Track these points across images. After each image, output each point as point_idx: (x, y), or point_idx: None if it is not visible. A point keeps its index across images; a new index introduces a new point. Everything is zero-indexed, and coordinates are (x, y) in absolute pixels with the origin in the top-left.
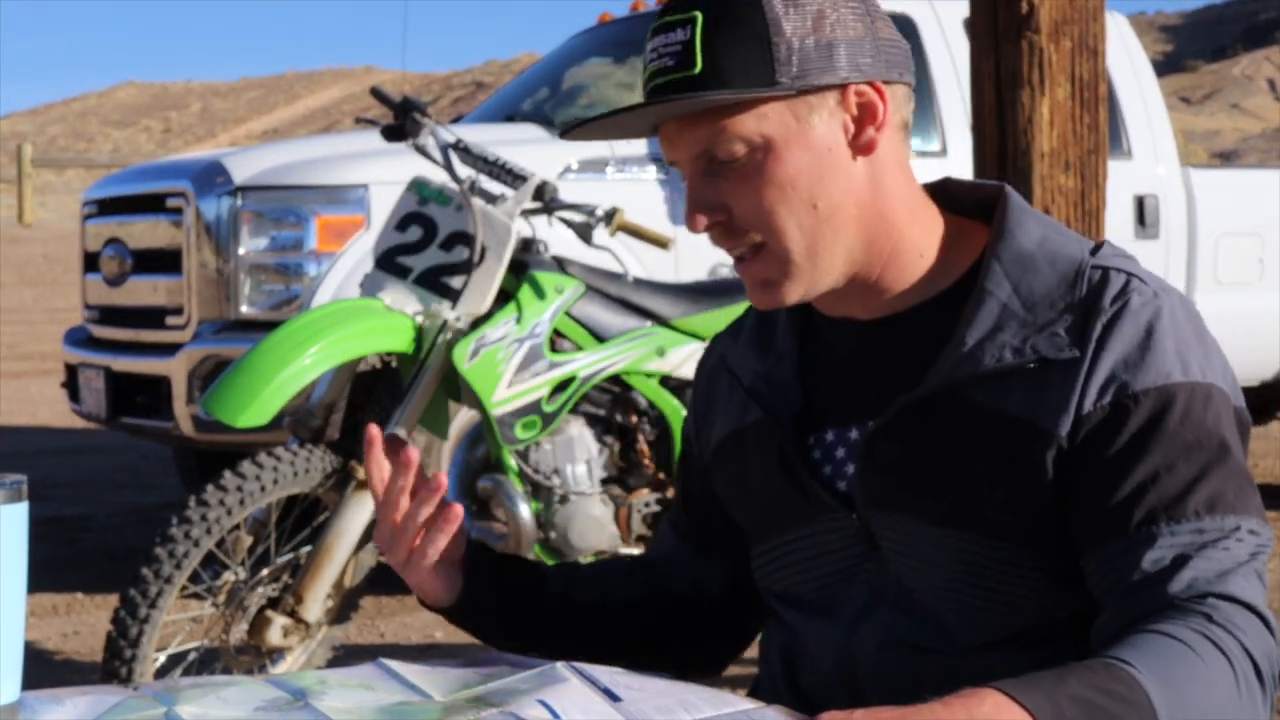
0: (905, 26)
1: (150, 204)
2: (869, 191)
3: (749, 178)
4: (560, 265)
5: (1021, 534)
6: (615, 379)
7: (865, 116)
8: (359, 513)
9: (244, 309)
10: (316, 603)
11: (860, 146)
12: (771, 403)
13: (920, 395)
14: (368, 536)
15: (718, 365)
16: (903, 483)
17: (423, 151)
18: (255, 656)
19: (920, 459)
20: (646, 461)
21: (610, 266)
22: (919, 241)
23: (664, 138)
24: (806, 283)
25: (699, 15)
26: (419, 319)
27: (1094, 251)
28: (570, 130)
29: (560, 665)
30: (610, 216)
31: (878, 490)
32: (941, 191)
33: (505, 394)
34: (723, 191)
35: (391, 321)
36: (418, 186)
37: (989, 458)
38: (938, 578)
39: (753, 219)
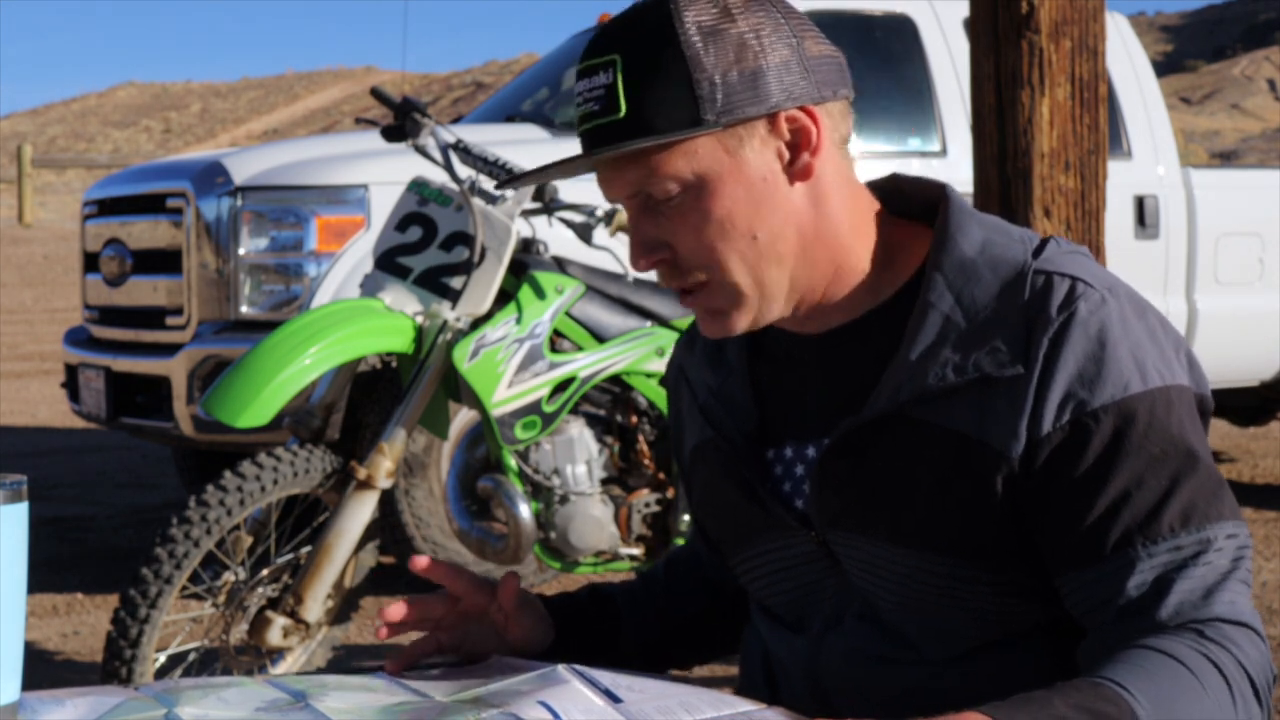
0: (905, 26)
1: (150, 204)
2: (810, 215)
3: (686, 215)
4: (560, 265)
5: (975, 551)
6: (615, 379)
7: (800, 142)
8: (359, 513)
9: (244, 309)
10: (316, 603)
11: (796, 172)
12: (723, 421)
13: (867, 416)
14: (368, 536)
15: (678, 376)
16: (856, 503)
17: (423, 152)
18: (255, 657)
19: (871, 479)
20: (646, 461)
21: (610, 266)
22: (863, 255)
23: (600, 180)
24: (754, 312)
25: (617, 59)
26: (419, 319)
27: (1037, 252)
28: (507, 184)
29: (561, 668)
30: (610, 216)
31: (832, 510)
32: (891, 190)
33: (505, 394)
34: (663, 230)
35: (391, 322)
36: (418, 187)
37: (938, 477)
38: (898, 594)
39: (695, 256)
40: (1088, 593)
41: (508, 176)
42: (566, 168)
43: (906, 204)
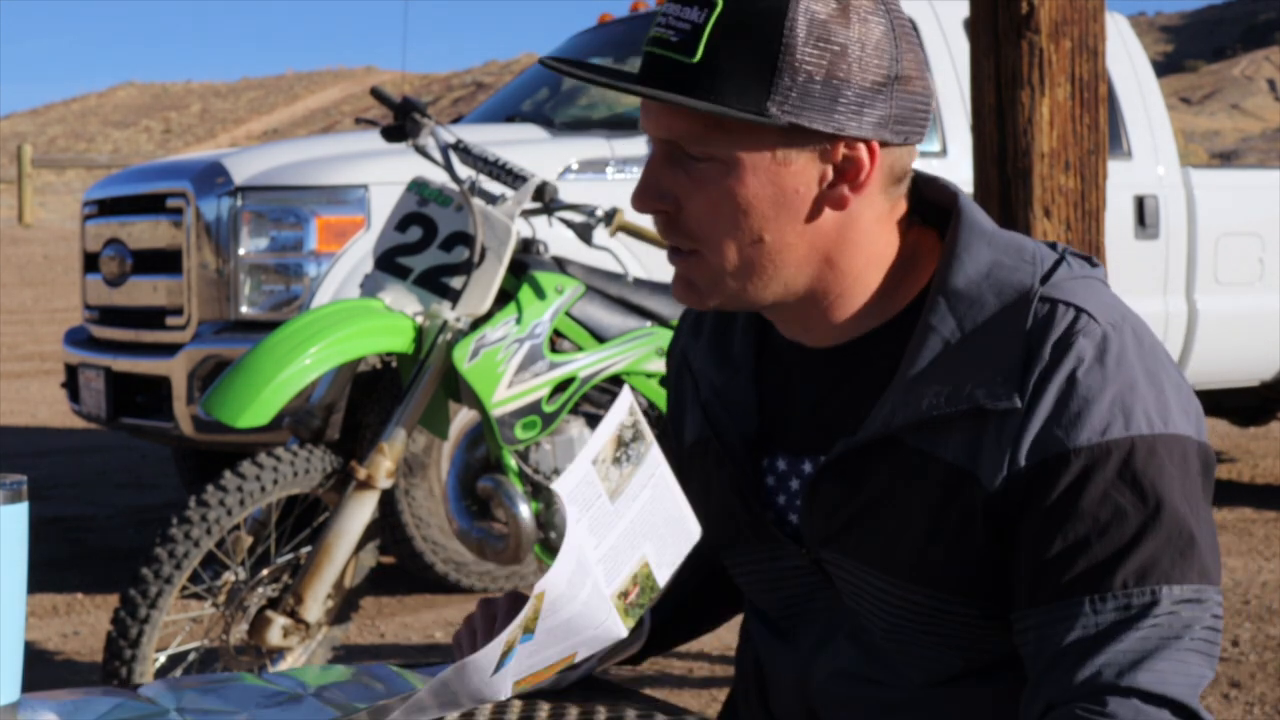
0: None
1: (150, 204)
2: (828, 242)
3: (707, 185)
4: (560, 265)
5: (961, 584)
6: (615, 379)
7: (847, 172)
8: (359, 513)
9: (244, 309)
10: (316, 603)
11: (830, 200)
12: (724, 424)
13: (860, 439)
14: (368, 537)
15: (681, 362)
16: (846, 526)
17: (423, 152)
18: (255, 657)
19: (863, 504)
20: None
21: (610, 266)
22: (869, 285)
23: (643, 108)
24: (728, 298)
25: (719, 3)
26: (419, 319)
27: (1047, 277)
28: (555, 66)
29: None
30: (610, 216)
31: (823, 530)
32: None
33: (505, 394)
34: (679, 186)
35: (391, 322)
36: (418, 187)
37: (928, 507)
38: (885, 619)
39: (697, 226)
40: (1033, 635)
41: (562, 64)
42: (618, 81)
43: (921, 205)
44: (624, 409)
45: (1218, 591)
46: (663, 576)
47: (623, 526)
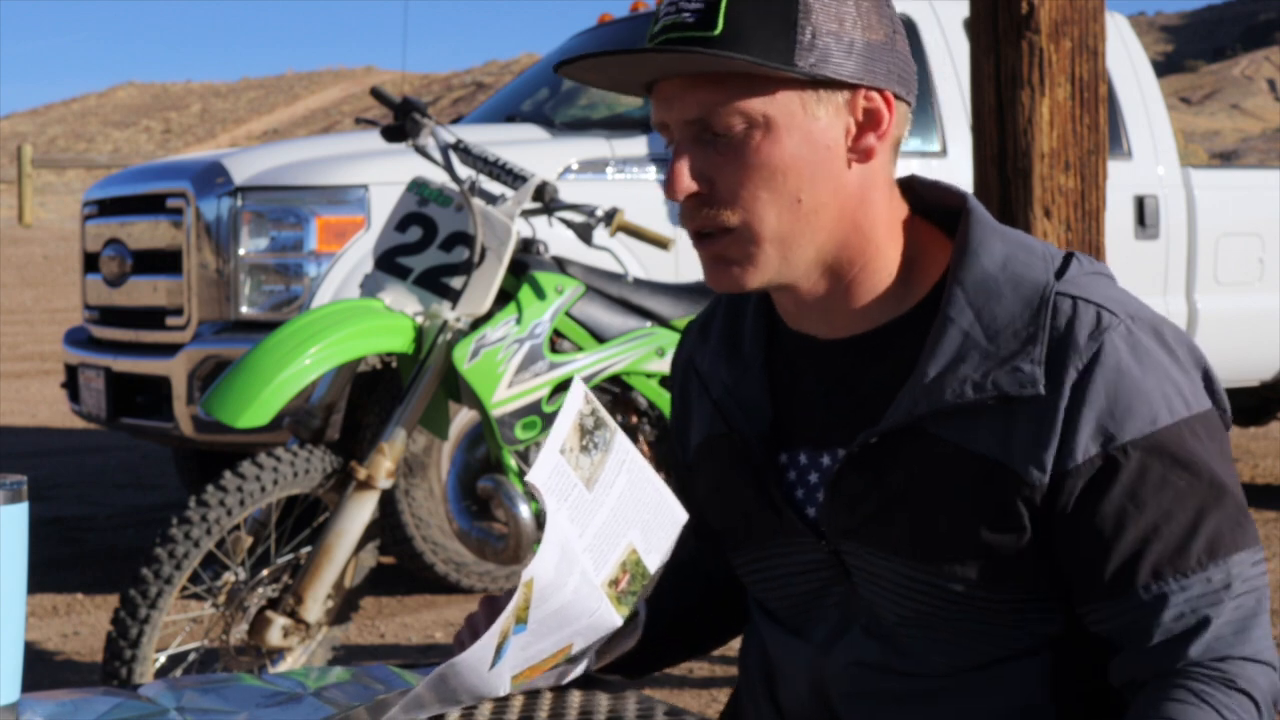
0: (905, 26)
1: (150, 204)
2: (855, 200)
3: (741, 154)
4: (560, 265)
5: (987, 572)
6: (615, 379)
7: (869, 123)
8: (359, 513)
9: (244, 309)
10: (316, 603)
11: (859, 152)
12: (738, 420)
13: (882, 429)
14: (368, 537)
15: (688, 367)
16: (869, 516)
17: (423, 152)
18: (255, 657)
19: (886, 494)
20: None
21: (610, 266)
22: (892, 258)
23: (660, 97)
24: (770, 273)
25: None
26: (419, 319)
27: (1060, 272)
28: (565, 65)
29: None
30: (610, 217)
31: (844, 522)
32: (906, 190)
33: (505, 394)
34: (710, 164)
35: (391, 322)
36: (418, 187)
37: (953, 495)
38: (906, 608)
39: (734, 197)
40: (1121, 621)
41: (570, 59)
42: (636, 61)
43: (924, 209)
44: (579, 397)
45: (1262, 548)
46: (652, 563)
47: (604, 514)
